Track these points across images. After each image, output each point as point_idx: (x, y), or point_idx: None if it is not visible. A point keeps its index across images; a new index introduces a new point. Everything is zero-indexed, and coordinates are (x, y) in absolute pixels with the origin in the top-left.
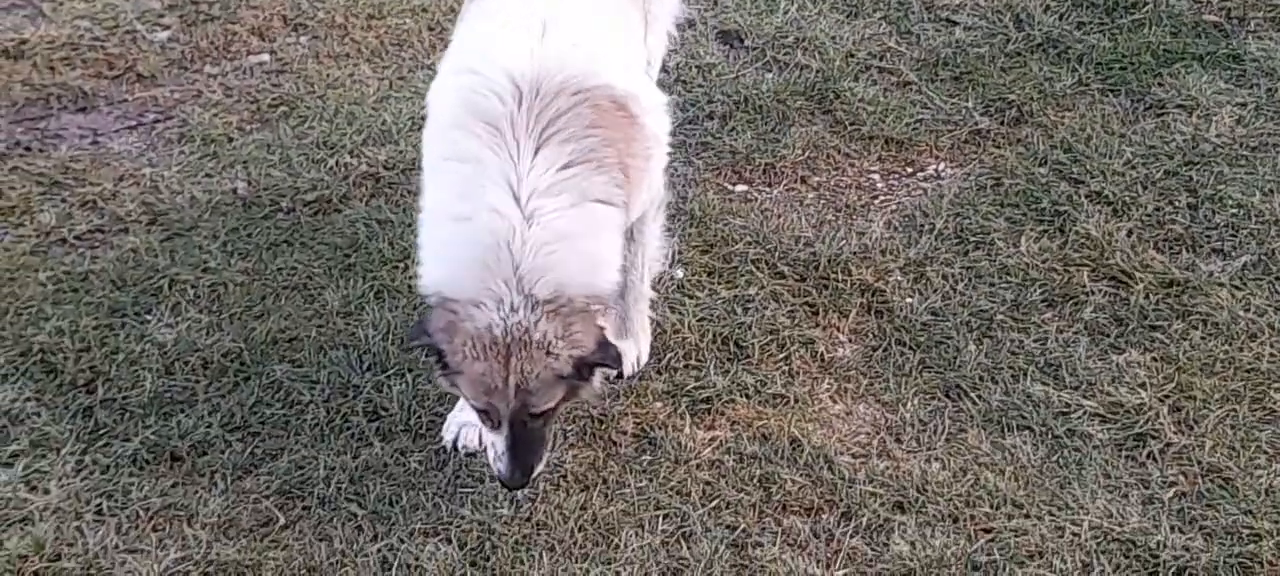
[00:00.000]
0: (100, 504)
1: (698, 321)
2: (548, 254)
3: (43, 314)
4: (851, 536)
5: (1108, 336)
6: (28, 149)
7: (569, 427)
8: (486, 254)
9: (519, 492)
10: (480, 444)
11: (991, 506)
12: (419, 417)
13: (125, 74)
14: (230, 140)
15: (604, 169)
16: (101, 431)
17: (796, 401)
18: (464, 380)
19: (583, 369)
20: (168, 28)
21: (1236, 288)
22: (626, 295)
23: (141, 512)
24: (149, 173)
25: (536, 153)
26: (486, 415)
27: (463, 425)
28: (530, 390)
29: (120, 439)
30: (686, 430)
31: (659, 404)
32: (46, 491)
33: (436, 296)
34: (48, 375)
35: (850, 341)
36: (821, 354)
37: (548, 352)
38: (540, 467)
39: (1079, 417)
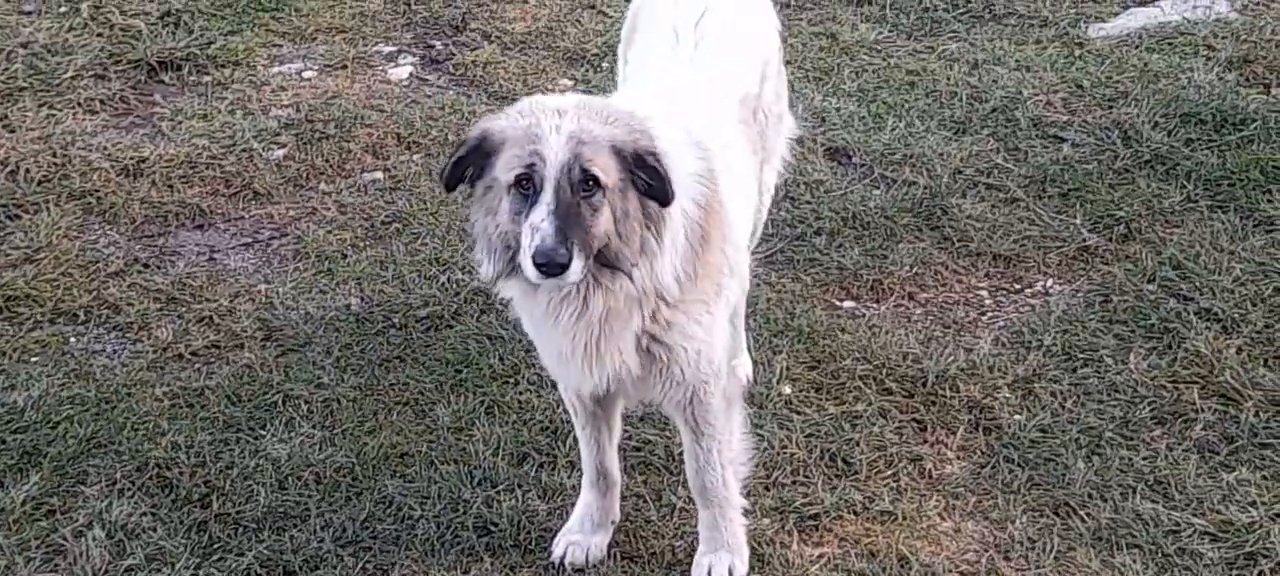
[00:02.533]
0: None
1: (805, 437)
2: None
3: (159, 429)
4: None
5: (1217, 454)
6: (146, 265)
7: (677, 544)
8: None
9: (554, 280)
10: (587, 560)
11: None
12: (528, 533)
13: (242, 192)
14: (344, 257)
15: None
16: (216, 546)
17: (904, 518)
18: (506, 147)
19: (640, 162)
20: (283, 146)
21: None
22: (710, 502)
23: None
24: (264, 289)
25: None
26: (524, 185)
27: (571, 542)
28: (583, 140)
29: (234, 553)
30: (794, 547)
31: (767, 520)
32: None
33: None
34: (163, 489)
35: (958, 458)
36: (929, 471)
37: (606, 121)
38: (581, 259)
39: (1189, 536)
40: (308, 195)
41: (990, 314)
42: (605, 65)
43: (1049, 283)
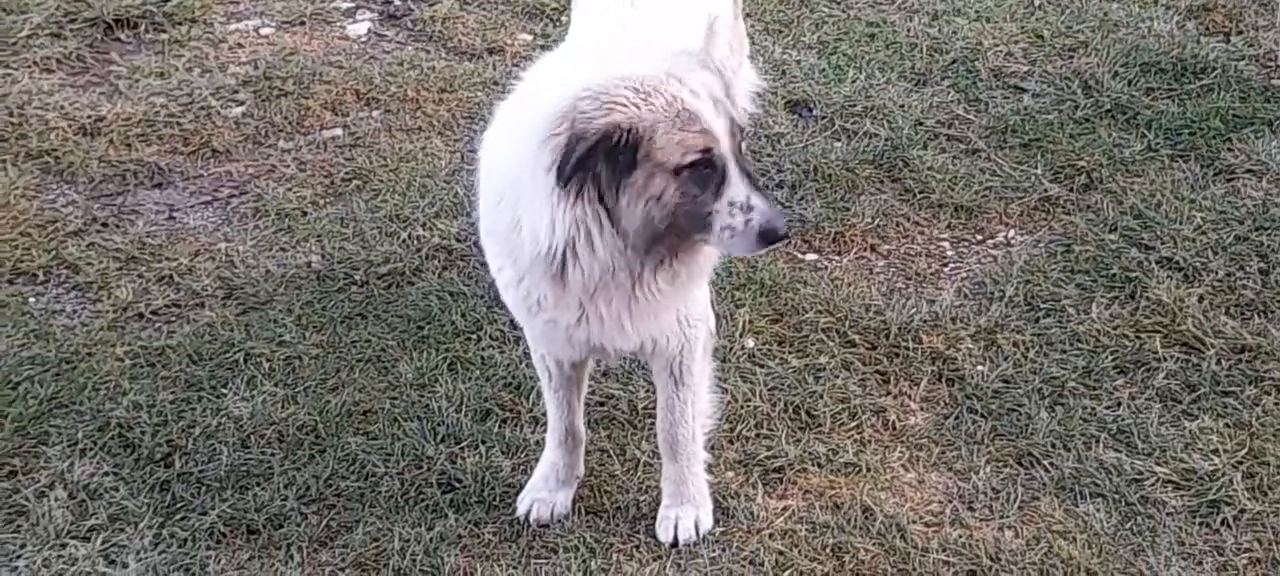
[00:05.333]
0: None
1: (769, 391)
2: None
3: (120, 388)
4: None
5: (1180, 403)
6: (104, 225)
7: (642, 498)
8: None
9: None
10: (552, 516)
11: (1065, 575)
12: (493, 489)
13: (200, 150)
14: (304, 214)
15: None
16: (179, 505)
17: (868, 470)
18: (660, 133)
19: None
20: (242, 103)
21: None
22: (679, 455)
23: None
24: (224, 247)
25: None
26: (705, 167)
27: (536, 498)
28: (719, 99)
29: (197, 512)
30: (759, 499)
31: (731, 473)
32: (125, 565)
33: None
34: (125, 449)
35: (921, 409)
36: (893, 422)
37: (704, 67)
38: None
39: (1152, 485)
40: (267, 153)
41: (952, 265)
42: (564, 19)
43: (1011, 233)
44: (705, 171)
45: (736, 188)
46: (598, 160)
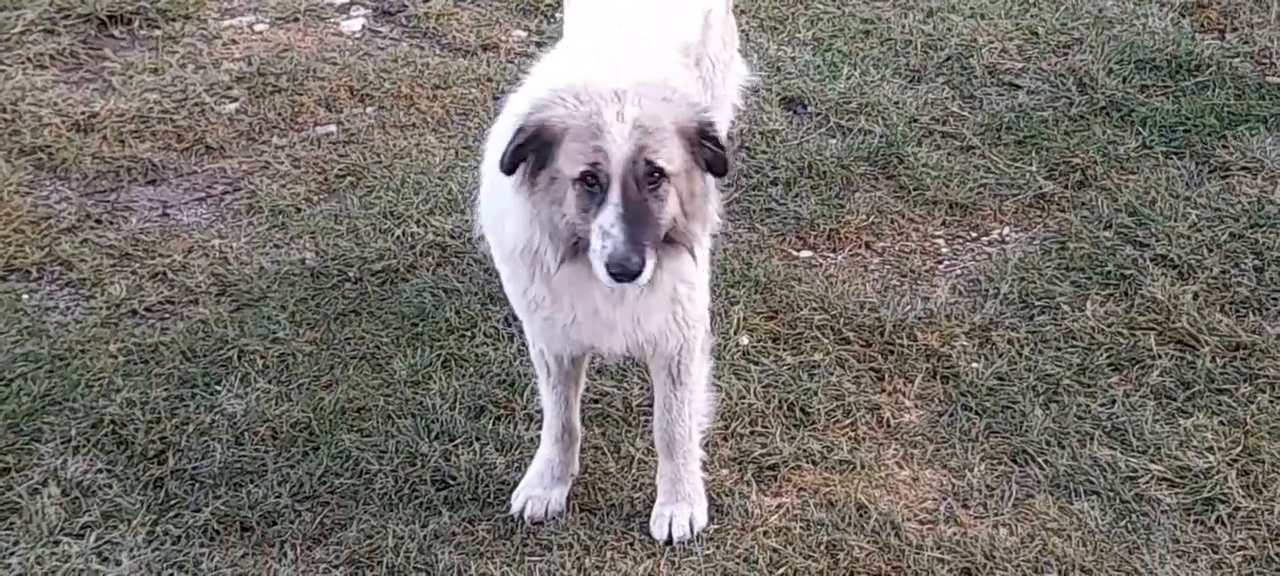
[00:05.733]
0: (171, 574)
1: (763, 388)
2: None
3: (113, 385)
4: None
5: (1174, 400)
6: (98, 221)
7: (636, 496)
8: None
9: (631, 286)
10: (546, 513)
11: (1059, 572)
12: (487, 487)
13: (194, 146)
14: (298, 211)
15: None
16: (172, 502)
17: (863, 467)
18: (568, 138)
19: (704, 136)
20: (236, 100)
21: None
22: (675, 453)
23: None
24: (218, 244)
25: None
26: (589, 182)
27: (530, 495)
28: (647, 129)
29: (191, 509)
30: (753, 497)
31: (725, 470)
32: (118, 562)
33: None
34: (119, 446)
35: (916, 407)
36: (887, 420)
37: (665, 99)
38: (652, 259)
39: (1147, 482)
40: (261, 149)
41: (947, 262)
42: (559, 15)
43: (1005, 230)
44: (591, 186)
45: (608, 212)
46: (528, 155)
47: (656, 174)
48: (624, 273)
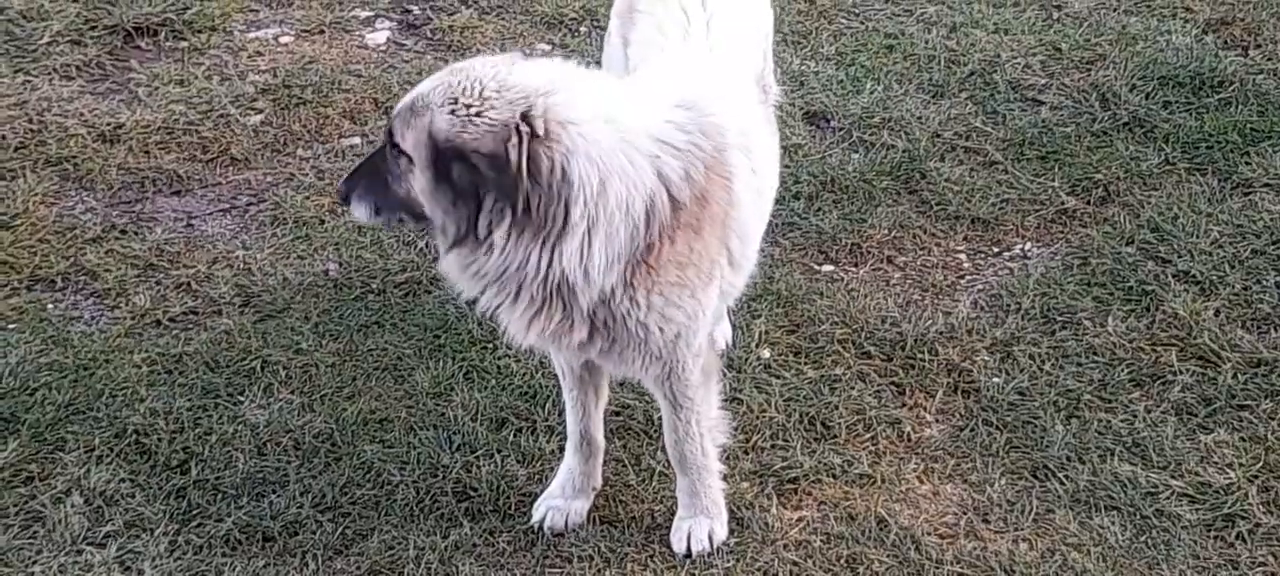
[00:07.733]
0: None
1: (784, 401)
2: None
3: (137, 395)
4: None
5: (1196, 416)
6: (123, 232)
7: (657, 508)
8: None
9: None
10: (566, 524)
11: None
12: (508, 498)
13: (219, 157)
14: (322, 222)
15: None
16: (194, 512)
17: (883, 481)
18: None
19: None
20: (261, 111)
21: None
22: (688, 469)
23: None
24: (242, 255)
25: None
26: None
27: (551, 506)
28: (414, 110)
29: (213, 519)
30: (773, 510)
31: (745, 483)
32: (140, 572)
33: None
34: (142, 456)
35: (937, 421)
36: (908, 434)
37: (456, 99)
38: (363, 206)
39: (1167, 498)
40: (285, 160)
41: (969, 277)
42: (583, 29)
43: (1027, 246)
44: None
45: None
46: None
47: (397, 151)
48: (340, 195)
